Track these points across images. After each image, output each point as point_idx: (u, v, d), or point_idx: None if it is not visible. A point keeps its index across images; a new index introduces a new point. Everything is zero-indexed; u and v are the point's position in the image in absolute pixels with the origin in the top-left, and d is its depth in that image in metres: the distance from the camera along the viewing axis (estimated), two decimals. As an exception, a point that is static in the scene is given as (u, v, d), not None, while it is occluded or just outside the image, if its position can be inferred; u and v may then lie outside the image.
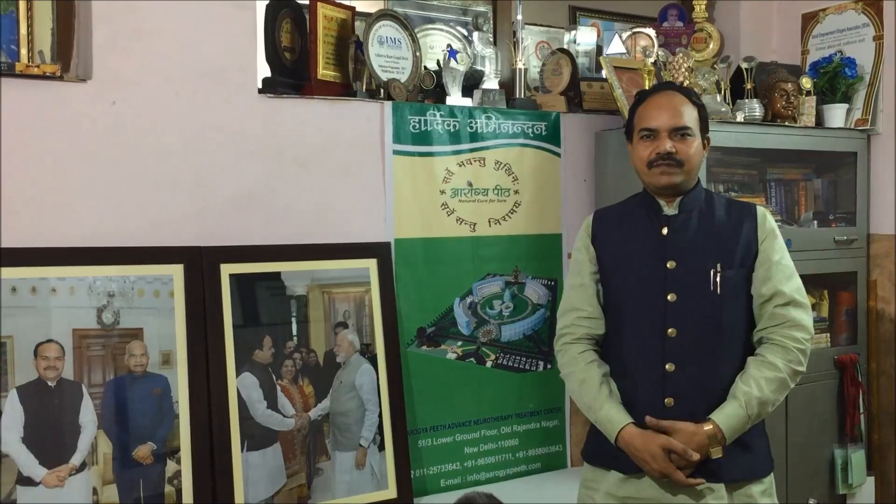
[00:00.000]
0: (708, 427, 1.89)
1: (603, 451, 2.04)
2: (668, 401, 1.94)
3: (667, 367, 1.95)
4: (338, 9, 2.75)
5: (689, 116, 2.00)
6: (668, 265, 1.99)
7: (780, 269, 1.98)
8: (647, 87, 2.86)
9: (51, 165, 2.22)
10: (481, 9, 3.42)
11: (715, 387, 1.95)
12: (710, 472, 1.92)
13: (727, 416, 1.89)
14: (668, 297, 1.97)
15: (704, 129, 2.05)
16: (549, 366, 3.01)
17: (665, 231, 2.02)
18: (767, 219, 2.03)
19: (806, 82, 3.22)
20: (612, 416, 1.96)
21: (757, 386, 1.90)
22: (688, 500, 1.93)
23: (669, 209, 2.04)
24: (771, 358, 1.93)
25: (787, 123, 3.17)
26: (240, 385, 2.35)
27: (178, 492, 2.23)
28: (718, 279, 1.96)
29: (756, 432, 1.99)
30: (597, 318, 2.08)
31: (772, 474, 2.03)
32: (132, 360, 2.23)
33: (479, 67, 3.01)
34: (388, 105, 2.71)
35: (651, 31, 3.48)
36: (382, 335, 2.61)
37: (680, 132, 1.98)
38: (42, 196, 2.21)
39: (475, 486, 2.80)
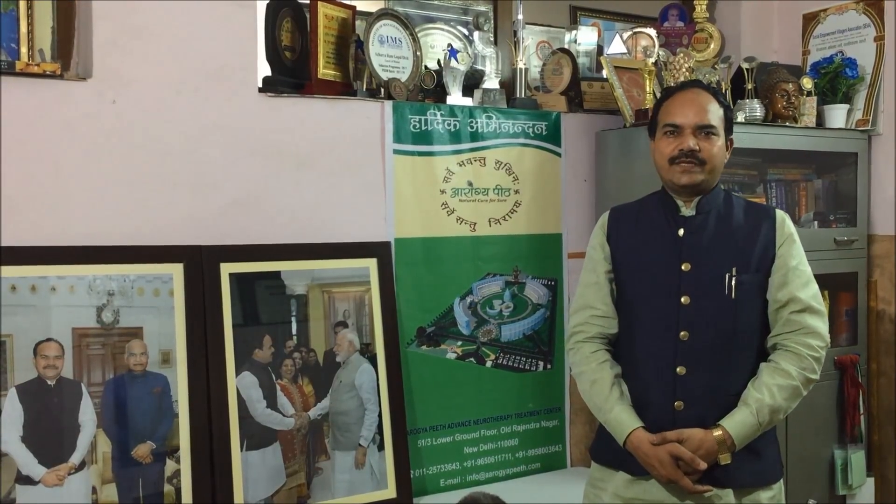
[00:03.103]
0: (717, 433, 1.87)
1: (612, 452, 2.02)
2: (678, 404, 1.93)
3: (678, 370, 1.93)
4: (338, 8, 2.75)
5: (715, 115, 1.97)
6: (682, 267, 1.96)
7: (796, 274, 1.95)
8: (647, 87, 2.87)
9: (51, 164, 2.22)
10: (482, 8, 3.41)
11: (726, 392, 1.93)
12: (718, 478, 1.90)
13: (737, 423, 1.88)
14: (682, 300, 1.95)
15: (729, 129, 2.01)
16: (549, 366, 3.00)
17: (681, 232, 1.99)
18: (786, 223, 2.00)
19: (807, 82, 3.22)
20: (622, 420, 1.94)
21: (769, 393, 1.88)
22: (696, 501, 1.92)
23: (687, 210, 2.00)
24: (784, 365, 1.91)
25: (787, 124, 3.17)
26: (239, 384, 2.35)
27: (178, 491, 2.23)
28: (733, 283, 1.93)
29: (767, 439, 1.97)
30: (610, 317, 2.06)
31: (781, 480, 2.01)
32: (132, 358, 2.23)
33: (479, 67, 3.01)
34: (389, 104, 2.71)
35: (652, 31, 3.48)
36: (382, 335, 2.61)
37: (704, 130, 1.95)
38: (42, 194, 2.21)
39: (475, 485, 2.80)
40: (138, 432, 2.21)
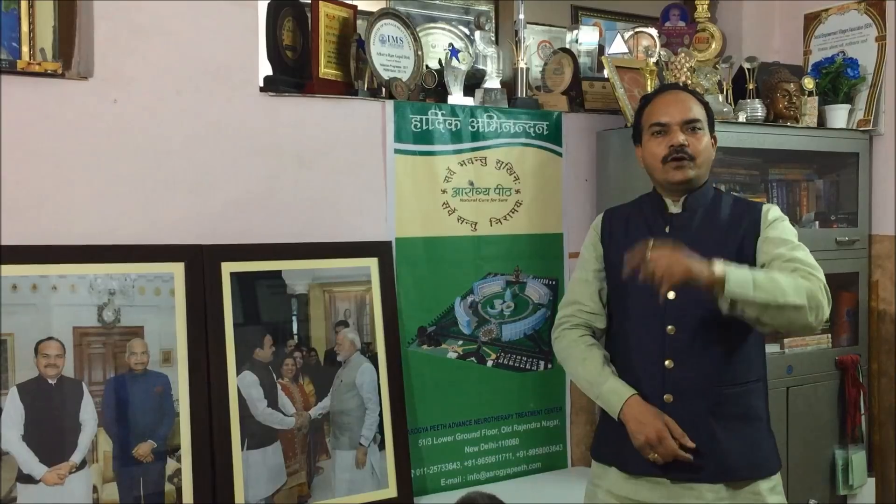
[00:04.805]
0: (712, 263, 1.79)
1: (607, 448, 2.06)
2: (668, 397, 1.95)
3: (666, 363, 1.96)
4: (340, 7, 2.75)
5: (698, 111, 2.01)
6: None
7: (779, 242, 1.93)
8: (648, 87, 2.87)
9: (52, 163, 2.22)
10: (483, 8, 3.42)
11: (714, 384, 1.95)
12: (715, 473, 1.92)
13: (731, 265, 1.79)
14: (668, 296, 1.97)
15: (711, 127, 2.05)
16: (549, 365, 3.00)
17: (668, 229, 2.03)
18: (771, 211, 2.01)
19: (808, 83, 3.22)
20: (618, 388, 1.97)
21: (769, 272, 1.83)
22: (688, 501, 1.93)
23: (674, 208, 2.04)
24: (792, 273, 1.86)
25: (789, 124, 3.17)
26: (240, 383, 2.35)
27: (179, 490, 2.23)
28: None
29: (763, 430, 2.00)
30: (597, 314, 2.11)
31: (779, 473, 2.02)
32: (133, 358, 2.23)
33: (480, 66, 3.01)
34: (390, 104, 2.71)
35: (653, 31, 3.48)
36: (383, 334, 2.61)
37: (691, 125, 1.98)
38: (43, 193, 2.21)
39: (475, 485, 2.80)
40: (139, 431, 2.21)
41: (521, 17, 3.03)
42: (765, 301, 1.78)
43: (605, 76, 3.10)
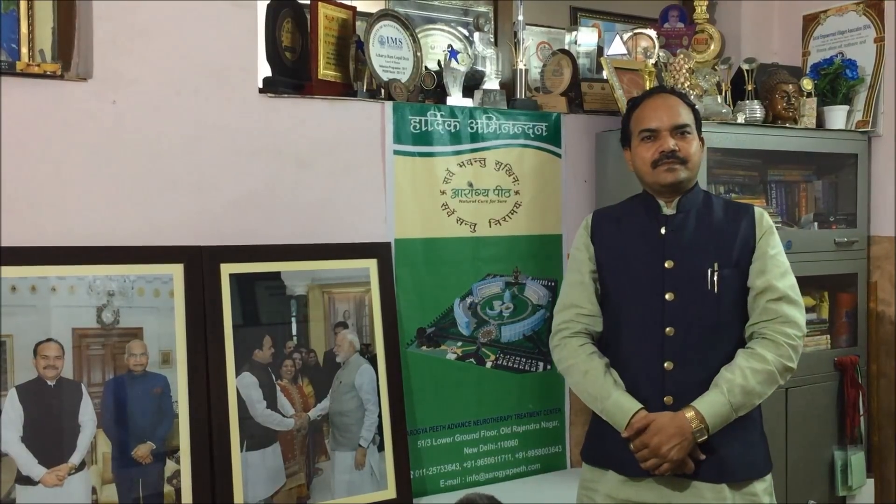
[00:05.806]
0: (689, 414, 1.89)
1: (602, 451, 2.05)
2: (668, 399, 1.95)
3: (665, 365, 1.96)
4: (339, 8, 2.75)
5: (687, 115, 2.04)
6: (665, 265, 2.00)
7: (775, 263, 1.99)
8: (647, 88, 2.87)
9: (51, 164, 2.22)
10: (482, 9, 3.42)
11: None
12: (716, 474, 1.93)
13: (708, 403, 1.90)
14: (667, 297, 1.98)
15: (699, 129, 2.07)
16: (548, 366, 3.00)
17: (663, 231, 2.04)
18: (765, 217, 2.05)
19: (807, 84, 3.22)
20: (623, 403, 1.96)
21: (742, 375, 1.90)
22: (689, 501, 1.93)
23: (668, 209, 2.05)
24: (760, 350, 1.93)
25: (787, 125, 3.17)
26: (239, 385, 2.35)
27: (178, 491, 2.23)
28: (716, 278, 1.97)
29: (757, 432, 2.01)
30: (595, 316, 2.09)
31: (770, 474, 2.03)
32: (132, 359, 2.23)
33: (479, 68, 3.01)
34: (389, 105, 2.71)
35: (652, 32, 3.48)
36: (382, 335, 2.61)
37: (680, 130, 2.01)
38: (42, 195, 2.21)
39: (474, 486, 2.80)
40: (138, 433, 2.21)
41: (520, 18, 3.03)
42: (747, 410, 1.93)
43: (604, 77, 3.10)
